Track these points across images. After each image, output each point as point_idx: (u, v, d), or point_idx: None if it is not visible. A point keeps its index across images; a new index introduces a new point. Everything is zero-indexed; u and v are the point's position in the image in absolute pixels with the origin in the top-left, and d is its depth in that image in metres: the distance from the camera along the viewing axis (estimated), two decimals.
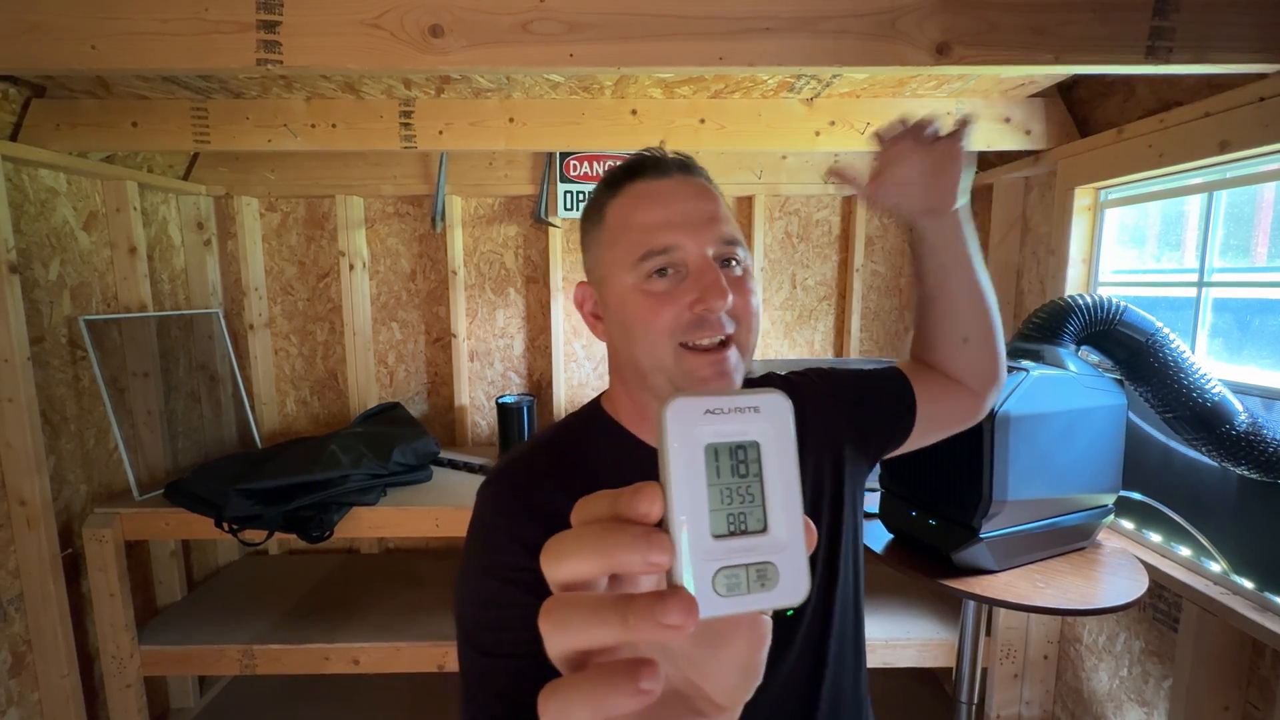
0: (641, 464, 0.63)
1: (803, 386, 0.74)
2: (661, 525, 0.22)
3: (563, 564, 0.23)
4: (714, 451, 0.23)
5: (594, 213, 0.64)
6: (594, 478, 0.62)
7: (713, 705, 0.25)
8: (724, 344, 0.58)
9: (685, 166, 0.63)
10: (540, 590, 0.23)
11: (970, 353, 0.75)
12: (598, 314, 0.65)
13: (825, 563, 0.67)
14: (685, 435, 0.23)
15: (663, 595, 0.21)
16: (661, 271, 0.58)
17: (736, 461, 0.23)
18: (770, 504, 0.23)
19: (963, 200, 0.69)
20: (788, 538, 0.23)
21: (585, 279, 0.67)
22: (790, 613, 0.64)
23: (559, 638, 0.22)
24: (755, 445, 0.23)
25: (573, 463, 0.64)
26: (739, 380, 0.60)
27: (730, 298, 0.56)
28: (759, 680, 0.26)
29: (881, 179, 0.69)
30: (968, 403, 0.78)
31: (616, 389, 0.68)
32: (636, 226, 0.59)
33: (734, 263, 0.60)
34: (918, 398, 0.75)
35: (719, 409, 0.23)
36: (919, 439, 0.77)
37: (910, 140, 0.67)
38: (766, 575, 0.23)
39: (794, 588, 0.23)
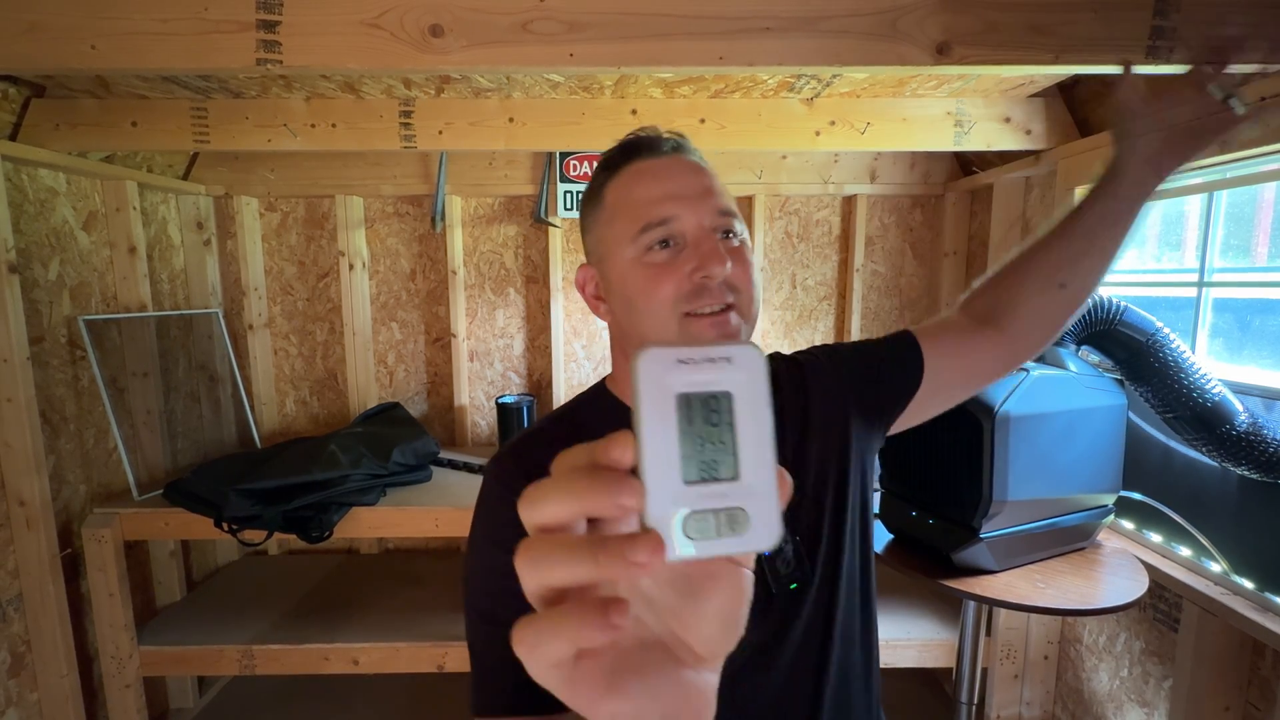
0: None
1: (808, 366, 0.74)
2: (635, 473, 0.23)
3: (538, 508, 0.24)
4: (686, 400, 0.23)
5: (593, 195, 0.66)
6: None
7: (694, 655, 0.26)
8: (725, 310, 0.59)
9: (679, 146, 0.64)
10: None
11: (1053, 300, 0.75)
12: (600, 295, 0.67)
13: (830, 540, 0.68)
14: (657, 384, 0.23)
15: (633, 535, 0.22)
16: (662, 244, 0.60)
17: (709, 410, 0.23)
18: (742, 452, 0.23)
19: (1173, 175, 0.70)
20: (760, 485, 0.23)
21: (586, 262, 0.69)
22: (795, 586, 0.65)
23: (533, 574, 0.23)
24: (728, 395, 0.23)
25: (575, 438, 0.64)
26: None
27: (728, 264, 0.58)
28: (740, 634, 0.26)
29: (1153, 103, 0.70)
30: (989, 357, 0.77)
31: (620, 368, 0.70)
32: (635, 202, 0.61)
33: (731, 234, 0.61)
34: (928, 353, 0.74)
35: (691, 359, 0.23)
36: (931, 398, 0.75)
37: (1205, 94, 0.68)
38: (736, 520, 0.23)
39: (765, 533, 0.23)
